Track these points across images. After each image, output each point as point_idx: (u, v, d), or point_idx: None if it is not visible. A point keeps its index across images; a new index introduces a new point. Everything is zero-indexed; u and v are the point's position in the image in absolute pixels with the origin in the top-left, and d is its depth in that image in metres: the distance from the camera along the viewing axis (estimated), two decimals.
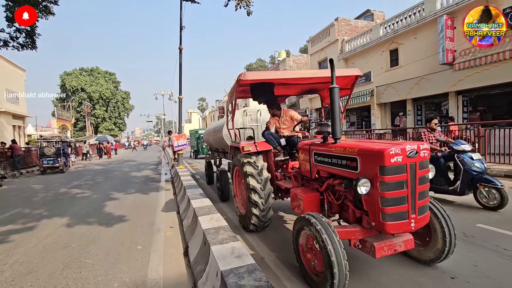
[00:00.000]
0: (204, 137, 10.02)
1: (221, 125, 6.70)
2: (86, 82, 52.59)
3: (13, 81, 26.12)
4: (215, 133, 7.43)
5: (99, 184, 10.09)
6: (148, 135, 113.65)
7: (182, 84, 11.12)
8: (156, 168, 15.00)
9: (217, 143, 7.61)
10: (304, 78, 4.14)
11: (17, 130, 26.86)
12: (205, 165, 9.54)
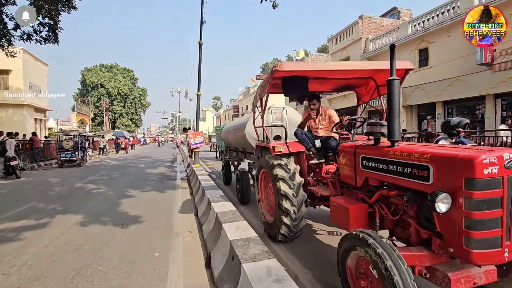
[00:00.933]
0: (222, 135, 9.66)
1: (243, 123, 6.29)
2: (106, 78, 53.69)
3: (36, 75, 26.81)
4: (236, 131, 7.03)
5: (114, 180, 9.92)
6: (163, 132, 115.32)
7: (201, 80, 10.82)
8: (171, 166, 14.82)
9: (238, 142, 7.21)
10: (348, 71, 3.64)
11: (39, 123, 27.60)
12: (222, 164, 9.17)
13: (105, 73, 54.76)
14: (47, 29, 13.56)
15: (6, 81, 24.00)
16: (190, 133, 10.83)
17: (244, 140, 6.17)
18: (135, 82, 59.65)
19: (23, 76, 24.29)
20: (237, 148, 8.09)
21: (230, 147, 9.12)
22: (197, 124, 11.04)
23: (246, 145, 6.47)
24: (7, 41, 12.56)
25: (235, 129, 7.14)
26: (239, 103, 51.16)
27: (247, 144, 6.19)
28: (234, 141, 7.79)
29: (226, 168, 8.72)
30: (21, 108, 24.34)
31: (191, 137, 10.66)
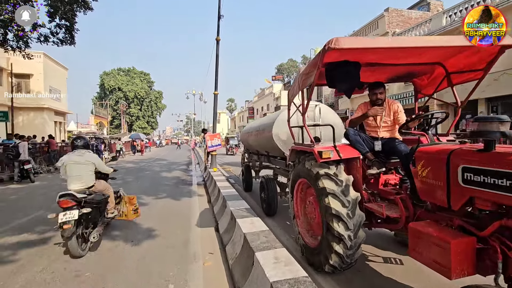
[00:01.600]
0: (241, 137, 8.93)
1: (269, 123, 5.51)
2: (123, 82, 54.64)
3: (56, 79, 27.27)
4: (260, 133, 6.26)
5: (128, 184, 9.40)
6: (178, 134, 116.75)
7: (218, 78, 10.16)
8: (187, 169, 14.26)
9: (261, 145, 6.44)
10: (422, 51, 2.76)
11: (58, 126, 28.06)
12: (242, 169, 8.42)
13: (123, 76, 55.77)
14: (63, 31, 13.42)
15: (27, 85, 24.49)
16: (207, 135, 10.18)
17: (271, 143, 5.38)
18: (151, 85, 60.43)
19: (43, 80, 24.72)
20: (258, 151, 7.32)
21: (251, 150, 8.37)
22: (214, 126, 10.39)
23: (272, 148, 5.68)
24: (24, 43, 12.44)
25: (258, 130, 6.37)
26: (254, 104, 50.56)
27: (273, 147, 5.40)
28: (256, 144, 7.03)
29: (246, 173, 7.97)
30: (42, 112, 24.77)
31: (207, 139, 10.01)
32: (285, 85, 40.48)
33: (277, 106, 36.78)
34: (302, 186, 3.50)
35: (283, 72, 59.70)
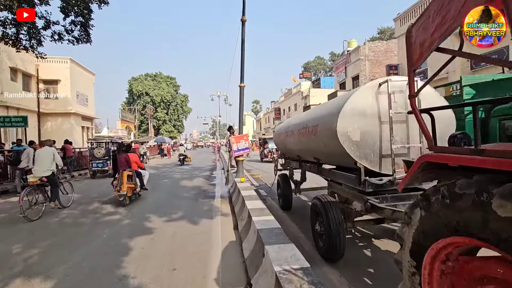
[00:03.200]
0: (274, 139, 7.03)
1: (326, 116, 3.56)
2: (150, 87, 55.40)
3: (83, 84, 27.37)
4: (306, 131, 4.31)
5: (140, 197, 7.90)
6: (204, 137, 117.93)
7: (244, 68, 8.38)
8: (210, 176, 12.66)
9: (308, 148, 4.51)
10: None
11: (86, 131, 28.17)
12: (277, 179, 6.52)
13: (150, 81, 56.59)
14: (78, 28, 12.52)
15: (55, 91, 24.66)
16: (232, 137, 8.42)
17: (330, 145, 3.41)
18: (177, 89, 60.83)
19: (70, 85, 24.76)
20: (300, 157, 5.38)
21: (288, 156, 6.45)
22: (240, 125, 8.60)
23: (328, 154, 3.73)
24: (37, 42, 11.62)
25: (304, 128, 4.42)
26: (280, 105, 48.50)
27: (333, 152, 3.44)
28: (298, 147, 5.10)
29: (283, 186, 6.05)
30: (69, 117, 24.79)
31: (233, 141, 8.25)
32: (314, 83, 38.01)
33: (306, 106, 34.47)
34: (449, 253, 1.50)
35: (310, 71, 57.00)
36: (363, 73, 21.69)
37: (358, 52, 22.01)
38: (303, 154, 5.08)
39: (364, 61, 21.57)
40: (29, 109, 20.49)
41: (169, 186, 9.89)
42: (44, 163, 6.15)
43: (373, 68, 21.73)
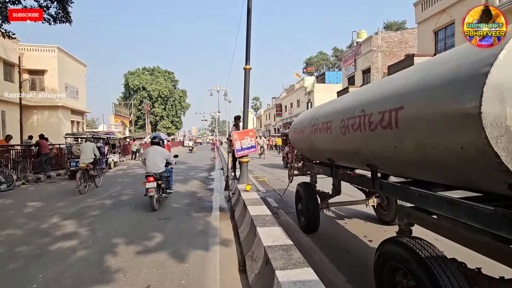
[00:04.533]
0: (291, 135, 5.34)
1: (413, 92, 1.87)
2: (147, 81, 53.53)
3: (73, 75, 25.54)
4: (365, 120, 2.59)
5: (116, 208, 6.24)
6: (203, 134, 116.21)
7: (250, 45, 6.65)
8: (208, 177, 10.98)
9: (356, 151, 2.82)
10: None
11: (76, 126, 26.40)
12: (298, 190, 4.82)
13: (147, 76, 54.72)
14: (55, 5, 10.76)
15: (42, 82, 22.83)
16: (235, 133, 6.72)
17: (449, 143, 1.69)
18: (175, 84, 59.00)
19: (58, 76, 22.94)
20: (333, 160, 3.71)
21: (312, 158, 4.78)
22: (245, 117, 6.86)
23: (431, 163, 2.02)
24: (3, 18, 9.83)
25: (359, 116, 2.69)
26: (282, 101, 46.75)
27: (453, 159, 1.74)
28: (335, 146, 3.43)
29: (307, 199, 4.35)
30: (56, 110, 22.99)
31: (235, 138, 6.54)
32: (318, 78, 36.28)
33: (309, 101, 32.77)
34: None
35: (312, 66, 55.14)
36: (375, 66, 19.98)
37: (370, 42, 20.26)
38: (343, 157, 3.40)
39: (376, 52, 19.85)
40: (11, 101, 18.67)
41: None
42: (88, 154, 8.42)
43: (386, 60, 20.01)
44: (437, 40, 14.10)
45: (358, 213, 5.40)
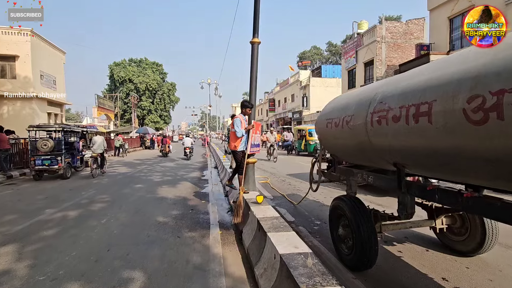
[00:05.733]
0: (320, 128, 3.92)
1: None
2: (134, 73, 50.97)
3: (50, 63, 23.25)
4: None
5: (78, 225, 4.72)
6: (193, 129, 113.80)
7: (259, 15, 5.16)
8: (201, 178, 9.48)
9: (474, 152, 1.42)
10: None
11: (54, 118, 24.18)
12: (338, 207, 3.38)
13: (134, 67, 52.13)
14: None
15: (13, 69, 20.54)
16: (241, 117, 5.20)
17: None
18: (164, 76, 56.58)
19: (31, 63, 20.68)
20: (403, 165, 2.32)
21: (355, 162, 3.40)
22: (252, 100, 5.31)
23: None
24: None
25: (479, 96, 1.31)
26: (275, 95, 45.32)
27: None
28: (424, 142, 2.02)
29: (358, 221, 2.92)
30: (30, 101, 20.76)
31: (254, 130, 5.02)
32: (314, 72, 35.00)
33: (305, 96, 31.48)
34: None
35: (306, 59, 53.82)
36: (378, 58, 18.79)
37: (374, 32, 19.03)
38: (434, 163, 2.02)
39: (380, 43, 18.65)
40: None
41: (140, 197, 6.66)
42: (99, 145, 9.70)
43: (390, 52, 18.88)
44: (452, 28, 12.96)
45: (409, 235, 4.05)
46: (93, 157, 9.50)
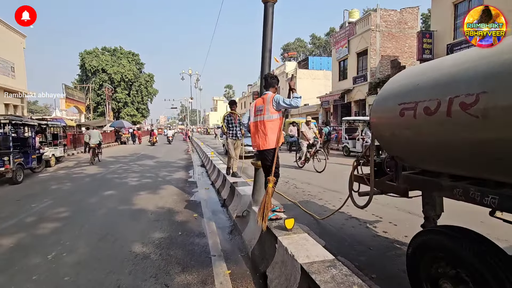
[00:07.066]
0: (382, 120, 2.61)
1: None
2: (108, 62, 47.43)
3: (6, 47, 20.30)
4: None
5: (20, 264, 3.18)
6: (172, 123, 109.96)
7: None
8: (187, 180, 8.00)
9: None
10: None
11: (13, 110, 21.30)
12: (442, 245, 2.07)
13: (107, 56, 48.49)
14: None
15: None
16: None
17: None
18: (141, 67, 53.29)
19: None
20: None
21: (436, 167, 2.08)
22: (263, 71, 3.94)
23: None
24: None
25: None
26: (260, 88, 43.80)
27: None
28: None
29: (496, 274, 1.65)
30: None
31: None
32: (300, 64, 33.91)
33: None
34: None
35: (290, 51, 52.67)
36: (372, 47, 17.90)
37: (368, 21, 18.07)
38: None
39: (374, 32, 17.74)
40: None
41: (110, 211, 5.10)
42: (96, 138, 11.84)
43: (385, 42, 18.03)
44: (457, 15, 12.15)
45: None
46: (91, 147, 11.50)
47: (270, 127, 3.11)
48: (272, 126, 3.11)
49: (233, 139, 6.18)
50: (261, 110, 3.21)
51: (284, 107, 3.12)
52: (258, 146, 3.21)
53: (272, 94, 3.28)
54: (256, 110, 3.30)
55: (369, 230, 3.99)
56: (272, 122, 3.12)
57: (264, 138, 3.12)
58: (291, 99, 3.07)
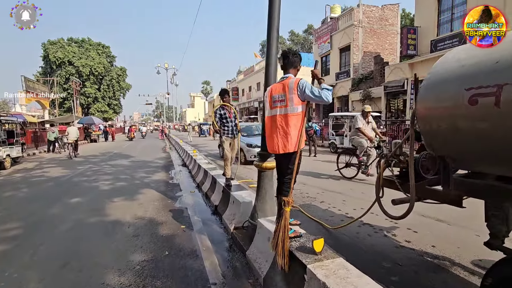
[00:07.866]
0: (436, 107, 2.04)
1: None
2: (75, 54, 44.08)
3: None
4: None
5: None
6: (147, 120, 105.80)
7: None
8: (169, 183, 7.13)
9: None
10: None
11: None
12: None
13: (74, 48, 45.06)
14: None
15: None
16: None
17: None
18: (112, 60, 50.14)
19: None
20: None
21: None
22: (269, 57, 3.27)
23: None
24: None
25: None
26: (239, 84, 42.94)
27: None
28: None
29: None
30: None
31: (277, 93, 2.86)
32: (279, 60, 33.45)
33: None
34: None
35: None
36: (355, 43, 17.80)
37: (351, 16, 17.92)
38: None
39: (357, 28, 17.63)
40: None
41: (76, 224, 4.20)
42: (74, 134, 12.82)
43: (367, 37, 18.00)
44: (440, 11, 12.18)
45: None
46: (69, 143, 12.51)
47: (294, 123, 2.34)
48: (296, 122, 2.35)
49: (229, 137, 5.03)
50: (282, 101, 2.40)
51: (310, 98, 2.35)
52: (277, 149, 2.41)
53: (295, 78, 2.49)
54: (273, 100, 2.49)
55: (389, 239, 3.48)
56: (296, 116, 2.35)
57: (286, 138, 2.34)
58: (321, 90, 2.31)
